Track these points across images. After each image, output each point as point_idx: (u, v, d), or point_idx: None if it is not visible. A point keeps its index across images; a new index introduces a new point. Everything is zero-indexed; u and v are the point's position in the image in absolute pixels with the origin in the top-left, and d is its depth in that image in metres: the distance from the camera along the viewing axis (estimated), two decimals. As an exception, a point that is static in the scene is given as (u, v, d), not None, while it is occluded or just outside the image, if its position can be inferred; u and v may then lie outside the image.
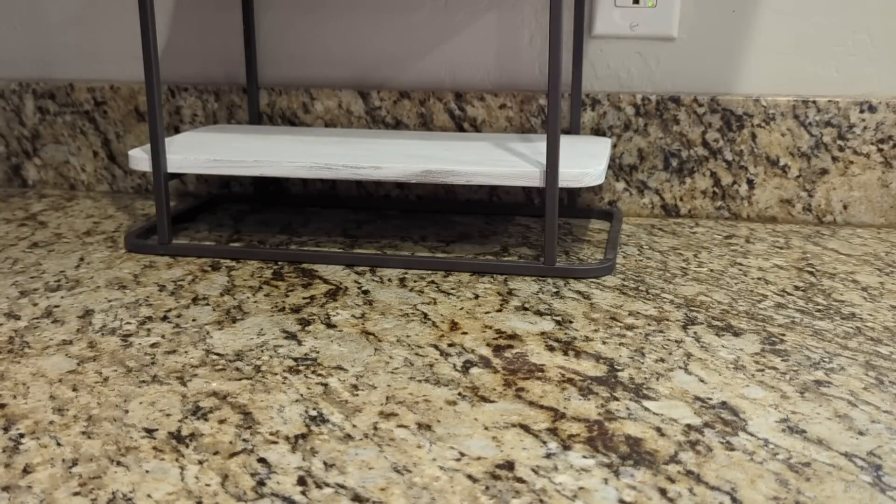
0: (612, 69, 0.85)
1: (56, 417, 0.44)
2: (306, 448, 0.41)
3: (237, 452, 0.41)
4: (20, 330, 0.56)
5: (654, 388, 0.47)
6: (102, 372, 0.50)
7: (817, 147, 0.81)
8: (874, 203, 0.81)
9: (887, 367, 0.50)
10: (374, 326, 0.56)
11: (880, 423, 0.43)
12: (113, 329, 0.56)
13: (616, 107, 0.83)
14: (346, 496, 0.37)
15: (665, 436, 0.42)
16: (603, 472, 0.39)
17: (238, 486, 0.38)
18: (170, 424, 0.44)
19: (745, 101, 0.81)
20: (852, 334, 0.55)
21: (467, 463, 0.40)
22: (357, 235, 0.77)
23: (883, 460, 0.40)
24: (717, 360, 0.51)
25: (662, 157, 0.84)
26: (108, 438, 0.42)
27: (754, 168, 0.82)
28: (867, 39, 0.81)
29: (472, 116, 0.86)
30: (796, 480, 0.38)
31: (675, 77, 0.84)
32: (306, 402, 0.46)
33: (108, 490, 0.38)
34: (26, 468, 0.40)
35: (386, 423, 0.43)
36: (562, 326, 0.56)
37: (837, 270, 0.68)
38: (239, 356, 0.52)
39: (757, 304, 0.61)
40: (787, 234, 0.79)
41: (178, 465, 0.40)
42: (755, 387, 0.48)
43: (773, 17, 0.81)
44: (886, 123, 0.79)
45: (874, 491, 0.37)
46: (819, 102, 0.80)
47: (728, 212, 0.84)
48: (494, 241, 0.75)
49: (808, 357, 0.52)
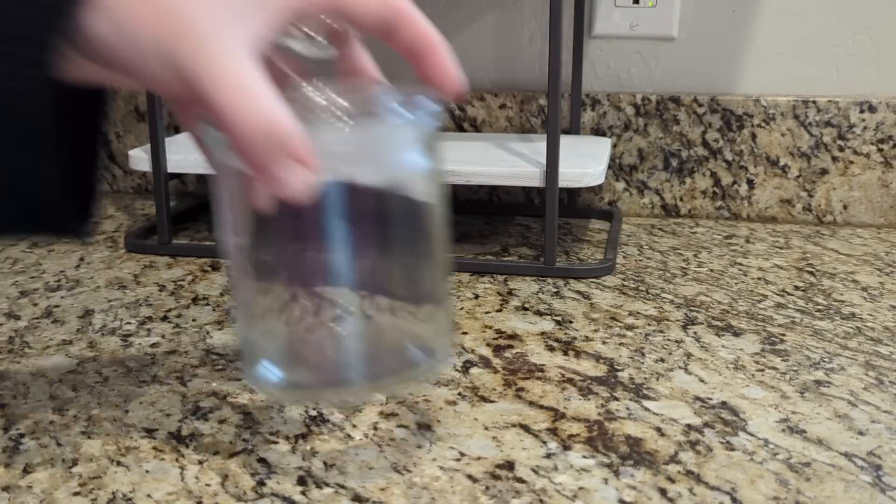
0: (612, 69, 0.85)
1: (56, 417, 0.44)
2: (306, 448, 0.41)
3: (237, 452, 0.41)
4: (20, 330, 0.56)
5: (654, 388, 0.47)
6: (102, 372, 0.50)
7: (817, 147, 0.81)
8: (874, 203, 0.81)
9: (887, 367, 0.50)
10: (374, 326, 0.56)
11: (880, 423, 0.43)
12: (113, 329, 0.56)
13: (616, 107, 0.83)
14: (346, 496, 0.37)
15: (665, 436, 0.42)
16: (603, 472, 0.39)
17: (238, 486, 0.38)
18: (170, 424, 0.44)
19: (745, 101, 0.81)
20: (852, 334, 0.55)
21: (467, 463, 0.40)
22: (357, 235, 0.77)
23: (883, 460, 0.40)
24: (717, 360, 0.51)
25: (662, 157, 0.84)
26: (108, 438, 0.42)
27: (754, 168, 0.82)
28: (867, 39, 0.81)
29: (472, 116, 0.86)
30: (796, 480, 0.38)
31: (675, 77, 0.84)
32: (306, 401, 0.46)
33: (108, 490, 0.38)
34: (26, 468, 0.40)
35: (386, 423, 0.43)
36: (562, 326, 0.56)
37: (837, 270, 0.68)
38: (239, 356, 0.52)
39: (757, 304, 0.61)
40: (787, 234, 0.79)
41: (178, 465, 0.40)
42: (755, 387, 0.48)
43: (773, 17, 0.81)
44: (886, 123, 0.79)
45: (874, 491, 0.37)
46: (819, 102, 0.80)
47: (728, 212, 0.84)
48: (494, 241, 0.75)
49: (808, 357, 0.52)
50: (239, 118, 0.32)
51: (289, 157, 0.32)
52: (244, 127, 0.32)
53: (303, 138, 0.32)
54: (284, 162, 0.32)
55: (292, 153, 0.32)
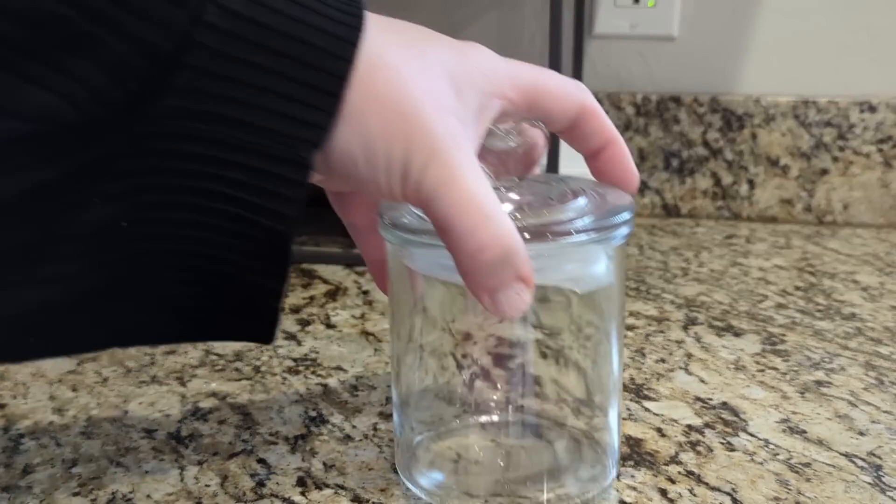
0: (613, 69, 0.85)
1: (56, 417, 0.44)
2: (306, 449, 0.41)
3: (237, 453, 0.41)
4: (20, 330, 0.56)
5: (655, 389, 0.47)
6: (102, 372, 0.50)
7: (817, 147, 0.81)
8: (874, 203, 0.81)
9: (887, 367, 0.50)
10: (374, 327, 0.56)
11: (880, 423, 0.43)
12: (113, 329, 0.56)
13: (616, 106, 0.83)
14: (346, 497, 0.37)
15: (666, 436, 0.42)
16: (603, 472, 0.39)
17: (238, 487, 0.38)
18: (169, 425, 0.44)
19: (746, 100, 0.81)
20: (853, 334, 0.55)
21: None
22: (357, 235, 0.77)
23: (883, 460, 0.40)
24: (717, 361, 0.51)
25: (663, 156, 0.84)
26: (107, 439, 0.42)
27: (755, 168, 0.82)
28: (867, 39, 0.80)
29: (472, 116, 0.86)
30: (797, 481, 0.38)
31: (676, 77, 0.84)
32: (306, 402, 0.46)
33: (108, 490, 0.38)
34: (26, 468, 0.40)
35: (386, 424, 0.43)
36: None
37: (838, 270, 0.68)
38: (238, 356, 0.52)
39: (757, 304, 0.61)
40: (787, 234, 0.79)
41: (177, 465, 0.40)
42: (756, 387, 0.47)
43: (773, 17, 0.81)
44: (886, 123, 0.79)
45: (874, 491, 0.37)
46: (819, 102, 0.80)
47: (728, 212, 0.84)
48: (494, 242, 0.75)
49: (809, 357, 0.52)
50: (477, 239, 0.31)
51: (518, 280, 0.32)
52: (480, 248, 0.31)
53: (528, 258, 0.32)
54: (513, 284, 0.32)
55: (520, 275, 0.32)
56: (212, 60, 0.29)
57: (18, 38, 0.26)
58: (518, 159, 0.35)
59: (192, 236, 0.31)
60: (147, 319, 0.33)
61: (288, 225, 0.32)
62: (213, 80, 0.29)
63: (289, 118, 0.30)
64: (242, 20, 0.29)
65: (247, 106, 0.30)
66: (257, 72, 0.29)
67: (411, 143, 0.31)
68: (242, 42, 0.29)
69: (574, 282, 0.34)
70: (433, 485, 0.37)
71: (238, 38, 0.29)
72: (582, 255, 0.33)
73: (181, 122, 0.29)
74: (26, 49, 0.27)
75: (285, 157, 0.30)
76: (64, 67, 0.27)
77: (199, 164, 0.30)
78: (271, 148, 0.30)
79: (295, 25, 0.30)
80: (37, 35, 0.27)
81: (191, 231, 0.31)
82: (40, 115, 0.27)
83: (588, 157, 0.39)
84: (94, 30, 0.27)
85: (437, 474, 0.38)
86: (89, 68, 0.27)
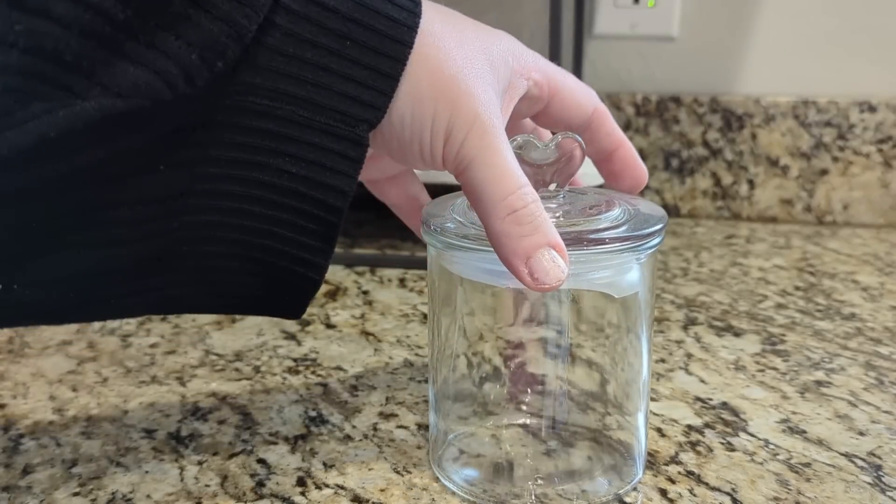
0: (613, 69, 0.85)
1: (56, 417, 0.44)
2: (306, 449, 0.41)
3: (237, 453, 0.41)
4: (20, 330, 0.56)
5: (655, 389, 0.47)
6: (102, 372, 0.50)
7: (817, 147, 0.81)
8: (874, 203, 0.81)
9: (887, 367, 0.50)
10: (374, 327, 0.56)
11: (880, 423, 0.43)
12: (112, 329, 0.56)
13: (616, 106, 0.83)
14: (346, 497, 0.37)
15: (666, 436, 0.42)
16: (603, 472, 0.39)
17: (238, 487, 0.38)
18: (169, 425, 0.44)
19: (746, 100, 0.81)
20: (852, 334, 0.55)
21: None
22: (357, 235, 0.77)
23: (883, 460, 0.40)
24: (717, 361, 0.51)
25: (663, 156, 0.84)
26: (107, 439, 0.42)
27: (754, 168, 0.82)
28: (867, 40, 0.80)
29: (472, 116, 0.86)
30: (797, 481, 0.38)
31: (676, 77, 0.84)
32: (306, 402, 0.46)
33: (108, 490, 0.38)
34: (26, 468, 0.40)
35: (386, 424, 0.43)
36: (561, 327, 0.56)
37: (837, 270, 0.68)
38: (238, 356, 0.52)
39: (757, 304, 0.61)
40: (787, 234, 0.79)
41: (177, 465, 0.40)
42: (756, 387, 0.47)
43: (773, 17, 0.81)
44: (886, 123, 0.79)
45: (874, 491, 0.37)
46: (819, 102, 0.80)
47: (728, 212, 0.84)
48: (494, 242, 0.75)
49: (809, 357, 0.52)
50: (509, 203, 0.32)
51: (549, 246, 0.32)
52: (512, 209, 0.32)
53: (556, 230, 0.33)
54: (546, 249, 0.32)
55: (550, 241, 0.33)
56: (284, 40, 0.30)
57: (123, 18, 0.27)
58: (557, 171, 0.37)
59: (246, 210, 0.32)
60: (190, 291, 0.34)
61: (342, 200, 0.33)
62: (284, 59, 0.31)
63: (350, 98, 0.32)
64: (312, 2, 0.31)
65: (312, 85, 0.31)
66: (323, 53, 0.31)
67: (457, 107, 0.33)
68: (311, 24, 0.31)
69: (609, 286, 0.36)
70: (467, 481, 0.38)
71: (308, 20, 0.31)
72: (616, 262, 0.35)
73: (252, 98, 0.31)
74: (129, 28, 0.28)
75: (345, 135, 0.32)
76: (162, 47, 0.28)
77: (261, 139, 0.31)
78: (332, 126, 0.32)
79: (359, 9, 0.32)
80: (140, 15, 0.28)
81: (245, 204, 0.32)
82: (138, 93, 0.28)
83: (600, 160, 0.41)
84: (189, 11, 0.28)
85: (471, 471, 0.39)
86: (183, 48, 0.28)
